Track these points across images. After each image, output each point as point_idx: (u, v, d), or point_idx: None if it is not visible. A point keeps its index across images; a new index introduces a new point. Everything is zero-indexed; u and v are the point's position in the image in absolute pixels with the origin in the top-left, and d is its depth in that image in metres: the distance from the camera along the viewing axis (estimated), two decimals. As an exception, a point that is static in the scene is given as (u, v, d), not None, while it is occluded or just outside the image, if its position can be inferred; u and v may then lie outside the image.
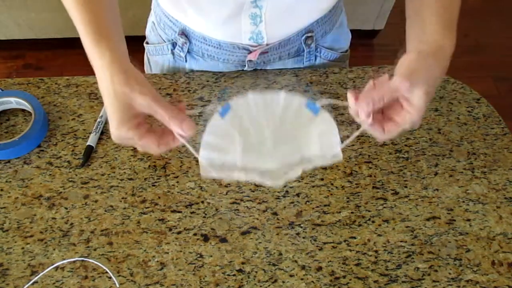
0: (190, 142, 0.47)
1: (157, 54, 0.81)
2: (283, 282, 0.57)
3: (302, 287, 0.57)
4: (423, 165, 0.67)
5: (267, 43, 0.71)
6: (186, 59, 0.77)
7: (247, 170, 0.49)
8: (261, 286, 0.57)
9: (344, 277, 0.58)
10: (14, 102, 0.70)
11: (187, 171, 0.65)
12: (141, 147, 0.48)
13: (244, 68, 0.76)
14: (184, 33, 0.73)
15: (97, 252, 0.59)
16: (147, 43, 0.84)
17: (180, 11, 0.71)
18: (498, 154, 0.69)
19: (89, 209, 0.62)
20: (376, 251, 0.60)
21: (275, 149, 0.51)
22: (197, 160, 0.49)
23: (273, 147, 0.51)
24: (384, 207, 0.63)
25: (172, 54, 0.78)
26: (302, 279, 0.57)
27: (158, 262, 0.58)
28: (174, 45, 0.76)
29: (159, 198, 0.63)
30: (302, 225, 0.61)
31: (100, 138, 0.68)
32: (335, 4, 0.73)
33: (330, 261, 0.59)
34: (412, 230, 0.61)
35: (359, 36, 1.78)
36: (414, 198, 0.64)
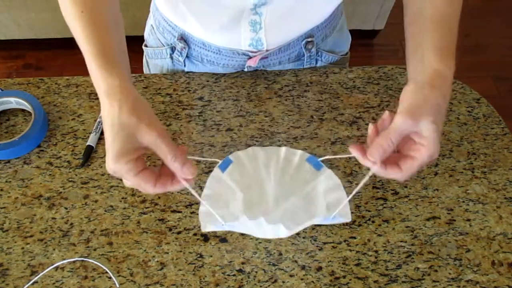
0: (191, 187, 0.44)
1: (156, 57, 0.80)
2: (283, 282, 0.57)
3: (302, 287, 0.57)
4: (423, 165, 0.67)
5: (267, 49, 0.71)
6: (185, 64, 0.77)
7: (250, 217, 0.46)
8: (261, 286, 0.57)
9: (344, 277, 0.58)
10: (14, 102, 0.70)
11: (187, 171, 0.65)
12: (134, 184, 0.44)
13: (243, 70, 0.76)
14: (183, 38, 0.73)
15: (97, 252, 0.59)
16: (146, 46, 0.83)
17: (179, 17, 0.70)
18: (498, 154, 0.69)
19: (89, 209, 0.62)
20: (376, 251, 0.60)
21: (277, 205, 0.48)
22: (197, 162, 0.48)
23: (275, 204, 0.48)
24: (384, 207, 0.63)
25: (171, 58, 0.77)
26: (302, 279, 0.57)
27: (158, 262, 0.58)
28: (173, 49, 0.75)
29: (159, 198, 0.63)
30: (302, 225, 0.61)
31: (100, 138, 0.68)
32: (335, 8, 0.72)
33: (330, 261, 0.59)
34: (412, 230, 0.61)
35: (359, 36, 1.79)
36: (414, 198, 0.64)
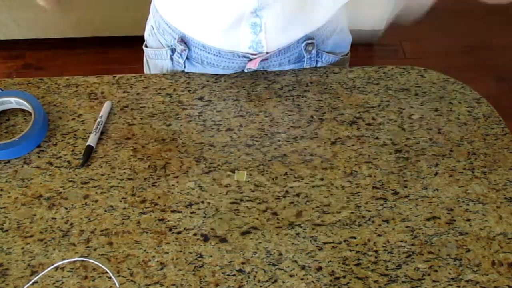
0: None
1: (156, 58, 0.80)
2: (283, 282, 0.57)
3: (302, 287, 0.57)
4: (423, 165, 0.67)
5: (267, 51, 0.71)
6: (185, 66, 0.77)
7: None
8: (261, 286, 0.57)
9: (344, 277, 0.58)
10: (14, 102, 0.70)
11: (187, 171, 0.65)
12: None
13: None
14: (183, 40, 0.72)
15: (97, 252, 0.59)
16: (146, 46, 0.83)
17: (179, 19, 0.70)
18: (498, 154, 0.69)
19: (89, 209, 0.62)
20: (376, 251, 0.60)
21: None
22: (197, 160, 0.48)
23: None
24: (384, 207, 0.63)
25: (171, 59, 0.77)
26: (302, 279, 0.57)
27: (158, 262, 0.58)
28: (173, 51, 0.75)
29: (159, 198, 0.63)
30: (302, 225, 0.61)
31: (100, 138, 0.68)
32: (336, 11, 0.72)
33: (330, 261, 0.59)
34: (412, 230, 0.61)
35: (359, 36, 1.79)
36: (414, 198, 0.64)
